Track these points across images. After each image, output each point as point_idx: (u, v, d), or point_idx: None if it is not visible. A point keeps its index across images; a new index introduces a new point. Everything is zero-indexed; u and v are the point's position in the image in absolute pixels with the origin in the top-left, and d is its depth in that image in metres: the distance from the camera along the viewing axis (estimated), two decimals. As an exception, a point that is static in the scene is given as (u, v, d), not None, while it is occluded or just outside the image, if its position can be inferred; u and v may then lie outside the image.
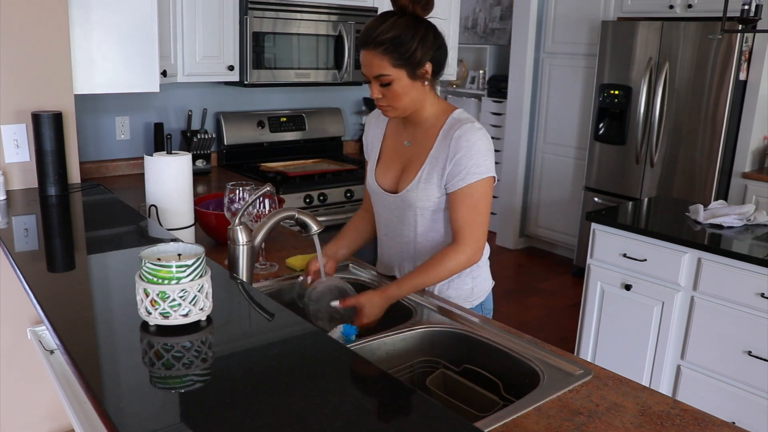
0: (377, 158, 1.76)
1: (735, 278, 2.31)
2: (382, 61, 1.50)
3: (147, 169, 1.86)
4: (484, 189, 1.57)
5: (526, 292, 4.36)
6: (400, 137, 1.71)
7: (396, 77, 1.52)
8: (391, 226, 1.74)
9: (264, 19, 3.06)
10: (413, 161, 1.65)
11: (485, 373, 1.42)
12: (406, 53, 1.50)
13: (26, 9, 2.00)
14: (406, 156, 1.69)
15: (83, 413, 1.39)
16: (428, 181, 1.61)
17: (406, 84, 1.53)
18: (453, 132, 1.57)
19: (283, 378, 0.96)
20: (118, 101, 3.06)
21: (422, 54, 1.51)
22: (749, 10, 2.64)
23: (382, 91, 1.55)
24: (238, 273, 1.45)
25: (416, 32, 1.50)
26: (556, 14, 4.69)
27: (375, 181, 1.74)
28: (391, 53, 1.49)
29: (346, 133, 3.92)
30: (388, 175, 1.72)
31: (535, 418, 1.14)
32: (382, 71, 1.51)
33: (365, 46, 1.52)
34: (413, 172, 1.64)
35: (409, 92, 1.55)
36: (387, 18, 1.51)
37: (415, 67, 1.52)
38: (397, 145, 1.72)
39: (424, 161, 1.62)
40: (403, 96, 1.55)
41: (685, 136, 3.92)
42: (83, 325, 1.15)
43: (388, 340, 1.46)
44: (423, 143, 1.64)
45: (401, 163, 1.69)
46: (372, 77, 1.54)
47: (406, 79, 1.53)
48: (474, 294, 1.74)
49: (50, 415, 2.25)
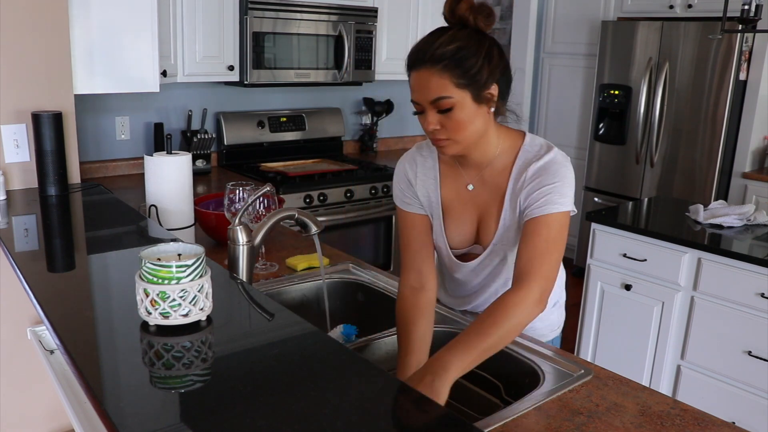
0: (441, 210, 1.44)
1: (735, 278, 2.31)
2: (441, 79, 1.23)
3: (147, 169, 1.86)
4: (565, 222, 1.32)
5: (526, 292, 4.35)
6: (460, 180, 1.42)
7: (459, 100, 1.24)
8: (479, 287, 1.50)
9: (264, 19, 3.06)
10: (488, 208, 1.39)
11: (486, 375, 1.41)
12: (470, 70, 1.23)
13: (26, 9, 2.00)
14: (476, 203, 1.41)
15: (83, 413, 1.39)
16: (513, 224, 1.38)
17: (470, 110, 1.26)
18: (534, 160, 1.34)
19: (283, 378, 0.96)
20: (118, 101, 3.06)
21: (489, 72, 1.25)
22: (749, 10, 2.64)
23: (441, 120, 1.26)
24: (238, 273, 1.45)
25: (480, 46, 1.25)
26: (556, 14, 4.69)
27: (447, 244, 1.46)
28: (453, 70, 1.22)
29: (346, 133, 3.92)
30: (460, 233, 1.44)
31: (535, 418, 1.14)
32: (442, 93, 1.23)
33: (419, 66, 1.25)
34: (492, 219, 1.39)
35: (474, 120, 1.27)
36: (444, 32, 1.26)
37: (481, 88, 1.25)
38: (459, 191, 1.43)
39: (501, 203, 1.37)
40: (468, 125, 1.27)
41: (685, 136, 3.92)
42: (83, 325, 1.15)
43: (388, 340, 1.46)
44: (495, 183, 1.38)
45: (473, 214, 1.42)
46: (428, 103, 1.25)
47: (470, 102, 1.25)
48: (559, 321, 1.62)
49: (50, 415, 2.25)
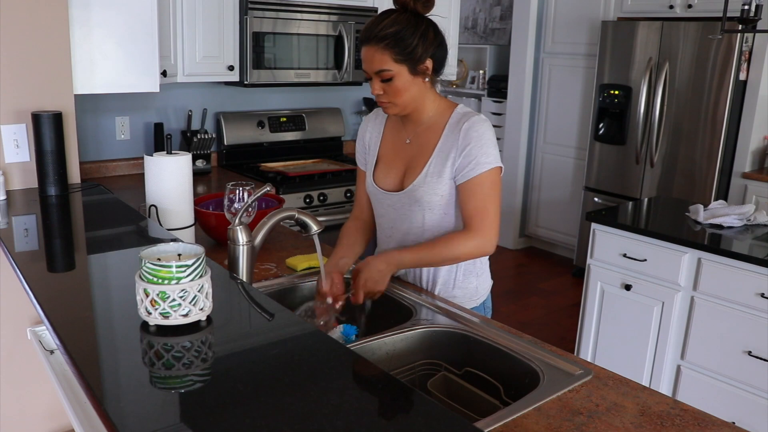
0: (375, 160, 1.74)
1: (735, 278, 2.31)
2: (383, 56, 1.52)
3: (147, 169, 1.86)
4: (494, 178, 1.58)
5: (526, 292, 4.36)
6: (400, 136, 1.71)
7: (397, 72, 1.53)
8: (395, 226, 1.72)
9: (264, 19, 3.06)
10: (417, 158, 1.65)
11: (486, 376, 1.42)
12: (407, 48, 1.52)
13: (26, 9, 2.00)
14: (408, 154, 1.68)
15: (83, 413, 1.39)
16: (436, 175, 1.60)
17: (407, 79, 1.55)
18: (461, 125, 1.58)
19: (283, 378, 0.96)
20: (118, 101, 3.06)
21: (423, 50, 1.53)
22: (749, 10, 2.64)
23: (383, 87, 1.56)
24: (238, 273, 1.45)
25: (417, 28, 1.52)
26: (556, 14, 4.69)
27: (374, 184, 1.72)
28: (393, 48, 1.51)
29: (346, 133, 3.92)
30: (389, 175, 1.70)
31: (535, 418, 1.14)
32: (383, 66, 1.53)
33: (367, 42, 1.54)
34: (418, 168, 1.63)
35: (410, 88, 1.56)
36: (388, 15, 1.54)
37: (416, 62, 1.54)
38: (398, 144, 1.71)
39: (429, 156, 1.62)
40: (404, 92, 1.56)
41: (685, 136, 3.92)
42: (83, 325, 1.15)
43: (388, 340, 1.46)
44: (427, 139, 1.64)
45: (404, 162, 1.68)
46: (373, 73, 1.55)
47: (407, 74, 1.54)
48: (479, 293, 1.74)
49: (50, 415, 2.25)
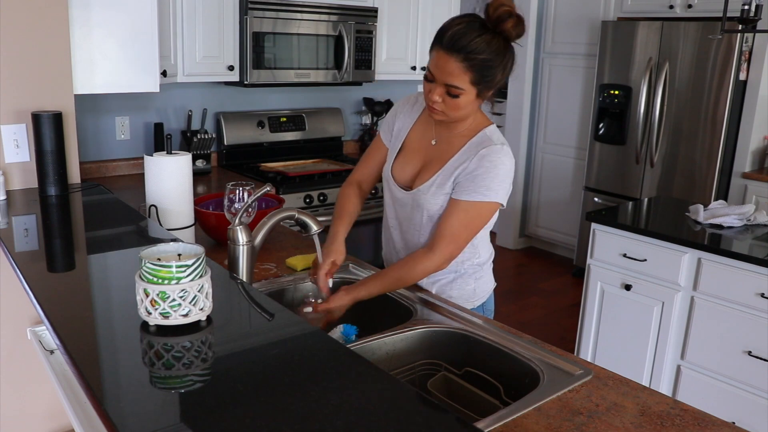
0: (399, 149, 1.72)
1: (735, 278, 2.31)
2: (463, 74, 1.45)
3: (147, 169, 1.86)
4: (485, 211, 1.55)
5: (526, 292, 4.36)
6: (428, 134, 1.67)
7: (466, 92, 1.47)
8: (399, 219, 1.73)
9: (264, 19, 3.06)
10: (433, 162, 1.63)
11: (486, 376, 1.41)
12: (488, 77, 1.47)
13: (26, 9, 2.00)
14: (428, 154, 1.65)
15: (83, 413, 1.39)
16: (440, 186, 1.59)
17: (471, 100, 1.50)
18: (480, 148, 1.54)
19: (283, 378, 0.96)
20: (118, 101, 3.06)
21: (499, 81, 1.50)
22: (749, 10, 2.64)
23: (446, 99, 1.49)
24: (238, 273, 1.45)
25: (504, 59, 1.47)
26: (556, 14, 4.69)
27: (391, 173, 1.71)
28: (475, 72, 1.45)
29: (346, 133, 3.92)
30: (406, 170, 1.68)
31: (535, 418, 1.14)
32: (457, 83, 1.46)
33: (449, 51, 1.44)
34: (430, 173, 1.62)
35: (468, 107, 1.52)
36: (481, 31, 1.44)
37: (488, 90, 1.50)
38: (423, 142, 1.68)
39: (442, 166, 1.59)
40: (463, 109, 1.52)
41: (685, 136, 3.92)
42: (83, 325, 1.15)
43: (388, 340, 1.46)
44: (448, 147, 1.61)
45: (422, 161, 1.66)
46: (443, 82, 1.47)
47: (473, 95, 1.49)
48: (476, 295, 1.74)
49: (50, 415, 2.25)
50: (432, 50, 1.49)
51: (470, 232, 1.57)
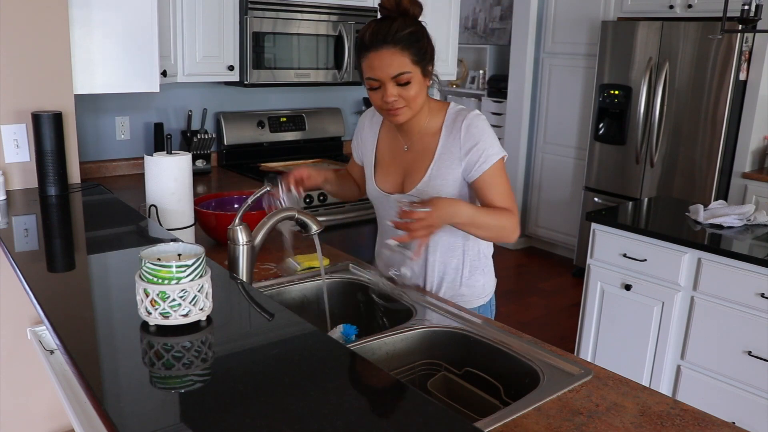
0: (373, 164, 1.73)
1: (735, 278, 2.31)
2: (402, 57, 1.47)
3: (147, 169, 1.86)
4: (502, 167, 1.59)
5: (526, 292, 4.36)
6: (396, 142, 1.68)
7: (414, 75, 1.49)
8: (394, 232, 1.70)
9: (264, 19, 3.06)
10: (417, 163, 1.63)
11: (486, 376, 1.41)
12: (422, 49, 1.49)
13: (26, 9, 2.00)
14: (406, 161, 1.66)
15: (83, 413, 1.39)
16: (440, 178, 1.59)
17: (421, 83, 1.52)
18: (458, 124, 1.57)
19: (283, 378, 0.96)
20: (118, 101, 3.06)
21: (431, 51, 1.52)
22: (749, 10, 2.64)
23: (400, 92, 1.50)
24: (238, 273, 1.45)
25: (424, 31, 1.52)
26: (556, 14, 4.69)
27: (376, 188, 1.71)
28: (410, 49, 1.47)
29: (346, 133, 3.92)
30: (389, 180, 1.69)
31: (535, 418, 1.14)
32: (403, 69, 1.47)
33: (382, 45, 1.47)
34: (420, 172, 1.62)
35: (422, 91, 1.53)
36: (393, 19, 1.49)
37: (427, 63, 1.52)
38: (395, 151, 1.69)
39: (431, 160, 1.60)
40: (419, 95, 1.52)
41: (685, 136, 3.92)
42: (83, 325, 1.15)
43: (388, 340, 1.46)
44: (425, 144, 1.62)
45: (402, 168, 1.67)
46: (389, 78, 1.48)
47: (420, 77, 1.51)
48: (485, 290, 1.74)
49: (50, 415, 2.25)
50: (362, 59, 1.51)
51: (510, 187, 1.60)
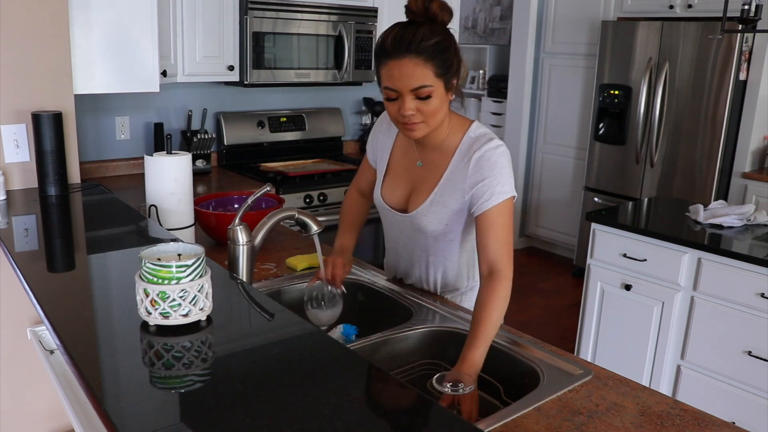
0: (384, 173, 1.65)
1: (735, 278, 2.31)
2: (425, 70, 1.34)
3: (147, 169, 1.86)
4: (510, 207, 1.47)
5: (526, 292, 4.36)
6: (410, 155, 1.59)
7: (436, 89, 1.37)
8: (401, 242, 1.67)
9: (264, 19, 3.06)
10: (424, 183, 1.55)
11: (486, 376, 1.41)
12: (447, 61, 1.37)
13: (26, 9, 2.00)
14: (416, 176, 1.57)
15: (83, 413, 1.39)
16: (441, 204, 1.51)
17: (442, 98, 1.39)
18: (472, 153, 1.46)
19: (283, 378, 0.96)
20: (118, 101, 3.06)
21: (457, 64, 1.40)
22: (749, 10, 2.64)
23: (419, 106, 1.37)
24: (238, 273, 1.45)
25: (452, 41, 1.39)
26: (556, 14, 4.68)
27: (381, 198, 1.65)
28: (434, 61, 1.34)
29: (346, 133, 3.92)
30: (395, 194, 1.62)
31: (535, 418, 1.14)
32: (424, 82, 1.34)
33: (405, 54, 1.33)
34: (424, 193, 1.54)
35: (443, 107, 1.41)
36: (419, 25, 1.36)
37: (451, 78, 1.39)
38: (408, 164, 1.60)
39: (437, 183, 1.51)
40: (439, 111, 1.40)
41: (685, 136, 3.92)
42: (83, 325, 1.15)
43: (388, 340, 1.46)
44: (436, 163, 1.53)
45: (411, 183, 1.58)
46: (409, 90, 1.36)
47: (442, 90, 1.39)
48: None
49: (50, 415, 2.25)
50: (380, 65, 1.38)
51: (510, 232, 1.47)
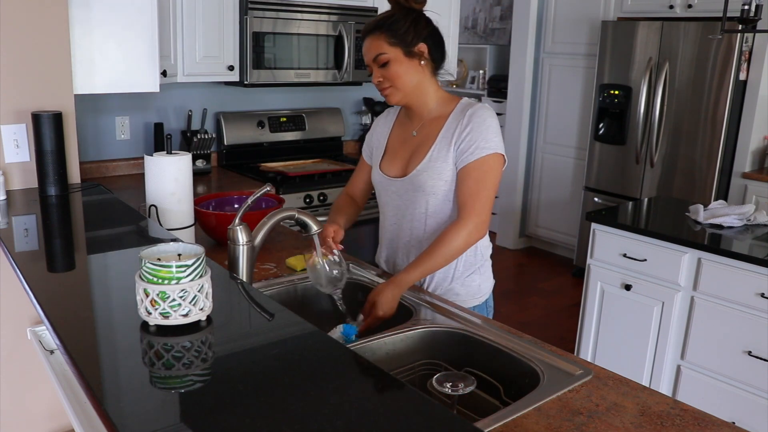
0: (383, 152, 1.77)
1: (735, 278, 2.31)
2: (378, 41, 1.59)
3: (147, 169, 1.86)
4: (493, 164, 1.59)
5: (526, 292, 4.36)
6: (407, 129, 1.74)
7: (393, 56, 1.59)
8: (400, 213, 1.73)
9: (264, 19, 3.06)
10: (422, 146, 1.67)
11: (486, 376, 1.41)
12: (399, 30, 1.58)
13: (26, 9, 2.00)
14: (413, 144, 1.70)
15: (83, 413, 1.39)
16: (439, 159, 1.62)
17: (404, 62, 1.60)
18: (465, 111, 1.62)
19: (283, 378, 0.96)
20: (118, 101, 3.06)
21: (415, 33, 1.60)
22: (749, 10, 2.64)
23: (382, 73, 1.61)
24: (238, 273, 1.45)
25: (408, 15, 1.60)
26: (556, 14, 4.68)
27: (380, 172, 1.75)
28: (386, 32, 1.59)
29: (346, 133, 3.92)
30: (395, 164, 1.73)
31: (535, 418, 1.14)
32: (379, 51, 1.59)
33: (364, 35, 1.62)
34: (422, 154, 1.66)
35: (408, 71, 1.61)
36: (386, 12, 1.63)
37: (410, 44, 1.60)
38: (405, 137, 1.74)
39: (433, 143, 1.64)
40: (402, 75, 1.61)
41: (685, 136, 3.92)
42: (83, 325, 1.15)
43: (388, 340, 1.46)
44: (432, 129, 1.67)
45: (409, 151, 1.71)
46: (371, 61, 1.61)
47: (402, 57, 1.60)
48: (481, 290, 1.74)
49: (50, 415, 2.25)
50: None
51: (488, 189, 1.59)
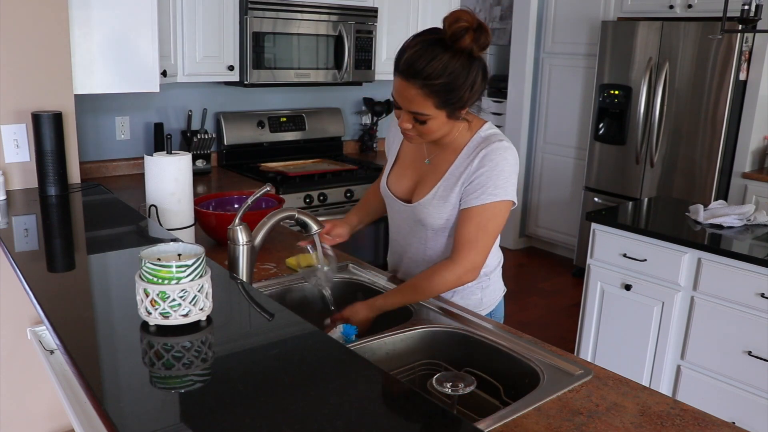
0: (393, 162, 1.70)
1: (735, 278, 2.31)
2: (425, 100, 1.37)
3: (147, 169, 1.86)
4: (498, 211, 1.48)
5: (526, 292, 4.36)
6: (420, 151, 1.63)
7: (434, 116, 1.40)
8: (402, 232, 1.70)
9: (264, 19, 3.06)
10: (430, 176, 1.58)
11: (486, 376, 1.41)
12: (453, 99, 1.38)
13: (26, 9, 2.00)
14: (423, 171, 1.61)
15: (83, 413, 1.39)
16: (443, 198, 1.53)
17: (442, 122, 1.43)
18: (479, 150, 1.49)
19: (283, 378, 0.96)
20: (118, 101, 3.06)
21: (468, 98, 1.40)
22: (749, 10, 2.64)
23: (415, 125, 1.44)
24: (238, 273, 1.45)
25: (469, 76, 1.37)
26: (556, 14, 4.68)
27: (387, 186, 1.69)
28: (437, 96, 1.36)
29: (346, 133, 3.92)
30: (402, 183, 1.65)
31: (535, 418, 1.14)
32: (422, 110, 1.39)
33: (407, 77, 1.36)
34: (428, 187, 1.57)
35: (443, 127, 1.45)
36: (438, 53, 1.34)
37: (458, 110, 1.42)
38: (417, 158, 1.63)
39: (440, 178, 1.54)
40: (436, 132, 1.45)
41: (685, 136, 3.92)
42: (83, 325, 1.15)
43: (388, 340, 1.46)
44: (443, 159, 1.56)
45: (417, 176, 1.62)
46: (407, 109, 1.41)
47: (443, 118, 1.42)
48: (483, 304, 1.69)
49: (50, 415, 2.25)
50: (394, 75, 1.41)
51: (488, 236, 1.50)
